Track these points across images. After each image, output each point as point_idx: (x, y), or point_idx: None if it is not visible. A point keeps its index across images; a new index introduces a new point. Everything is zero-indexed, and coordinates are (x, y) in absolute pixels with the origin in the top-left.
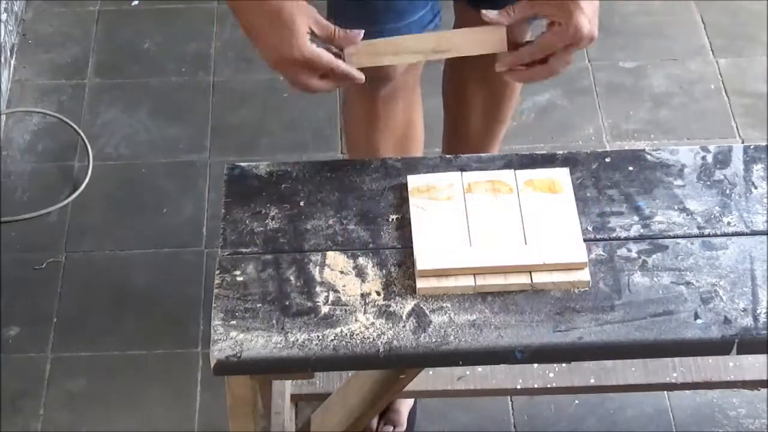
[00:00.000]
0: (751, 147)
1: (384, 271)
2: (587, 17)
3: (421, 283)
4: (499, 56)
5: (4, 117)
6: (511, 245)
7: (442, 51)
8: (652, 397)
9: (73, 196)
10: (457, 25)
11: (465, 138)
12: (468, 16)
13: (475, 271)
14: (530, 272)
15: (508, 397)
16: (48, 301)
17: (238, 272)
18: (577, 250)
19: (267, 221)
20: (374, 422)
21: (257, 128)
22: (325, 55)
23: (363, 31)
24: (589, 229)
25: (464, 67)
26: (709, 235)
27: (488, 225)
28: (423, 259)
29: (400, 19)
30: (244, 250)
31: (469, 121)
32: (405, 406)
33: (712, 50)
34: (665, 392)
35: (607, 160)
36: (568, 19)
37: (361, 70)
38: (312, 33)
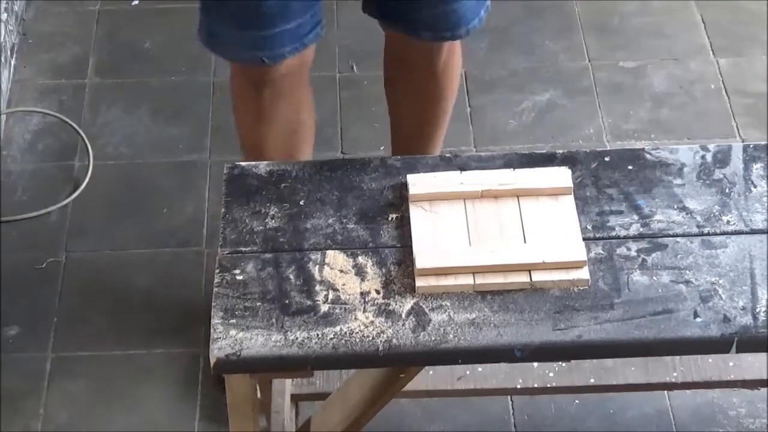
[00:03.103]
0: (751, 146)
1: (383, 269)
2: None
3: (420, 282)
4: None
5: (4, 117)
6: (510, 244)
7: (506, 183)
8: (652, 397)
9: (73, 196)
10: (386, 46)
11: (400, 137)
12: (390, 36)
13: (475, 270)
14: (530, 271)
15: (508, 397)
16: (48, 301)
17: (237, 271)
18: (576, 249)
19: (267, 220)
20: None
21: None
22: None
23: None
24: (589, 228)
25: (396, 71)
26: (708, 234)
27: (488, 223)
28: (422, 258)
29: (271, 26)
30: (243, 249)
31: (402, 122)
32: None
33: (712, 50)
34: (665, 392)
35: (607, 159)
36: None
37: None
38: None
